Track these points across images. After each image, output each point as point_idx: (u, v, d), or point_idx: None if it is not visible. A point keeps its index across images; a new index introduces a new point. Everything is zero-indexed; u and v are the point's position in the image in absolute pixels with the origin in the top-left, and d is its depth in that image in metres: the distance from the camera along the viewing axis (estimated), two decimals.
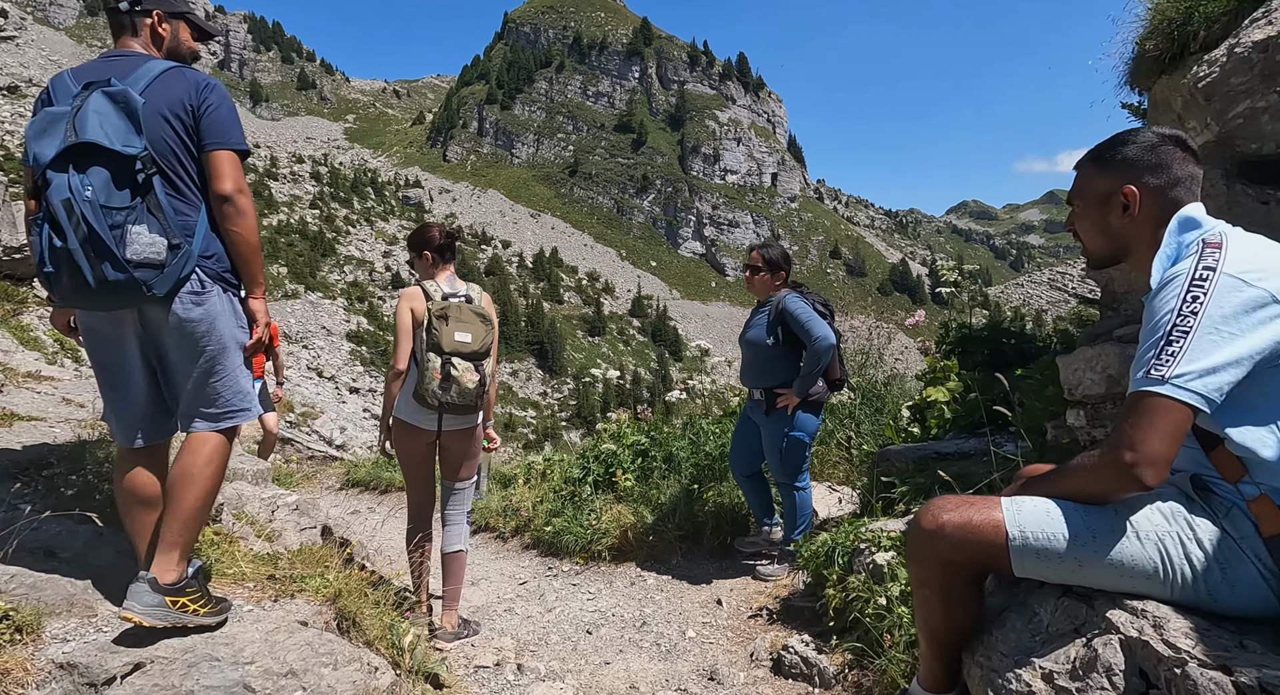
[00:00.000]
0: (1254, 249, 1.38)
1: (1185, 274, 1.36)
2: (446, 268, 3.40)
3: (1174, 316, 1.32)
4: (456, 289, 3.32)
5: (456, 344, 3.11)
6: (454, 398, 3.11)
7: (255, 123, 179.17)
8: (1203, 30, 3.71)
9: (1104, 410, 2.57)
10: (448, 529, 3.48)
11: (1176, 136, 1.53)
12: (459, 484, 3.48)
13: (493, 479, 6.44)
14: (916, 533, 1.53)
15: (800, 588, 3.71)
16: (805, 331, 3.72)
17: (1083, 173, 1.63)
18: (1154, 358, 1.32)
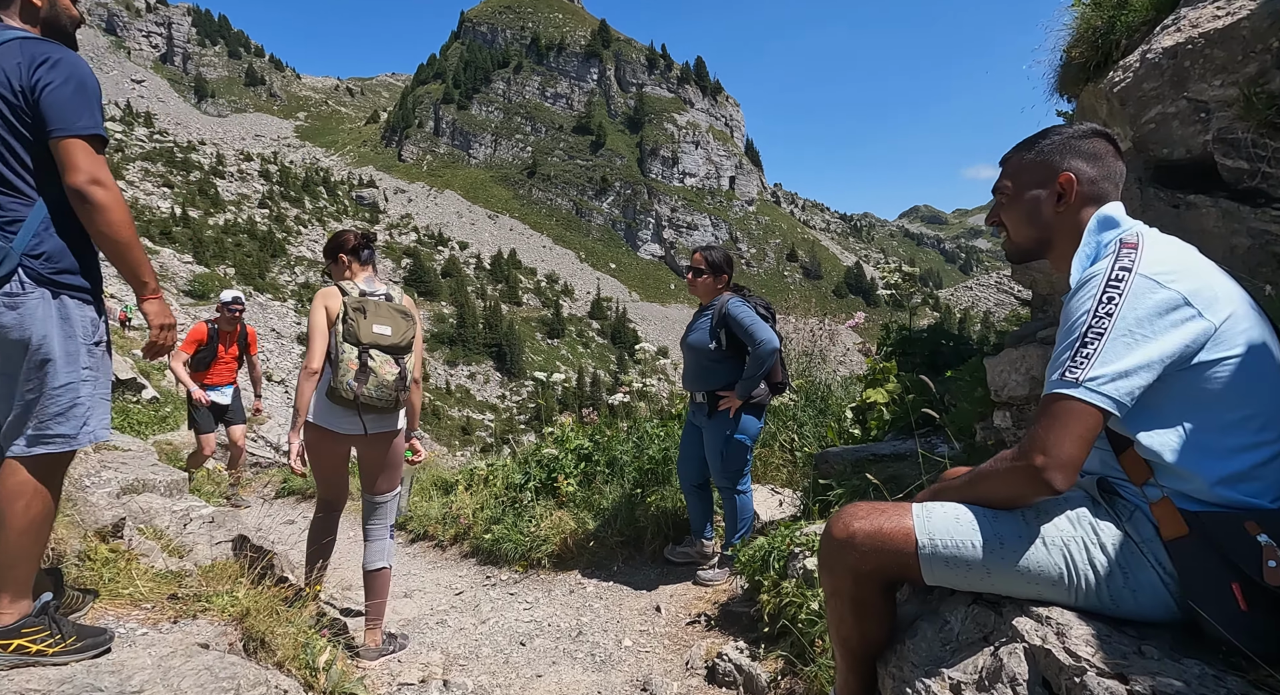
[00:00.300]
0: (1168, 250, 1.36)
1: (1101, 275, 1.34)
2: (364, 269, 3.28)
3: (1089, 318, 1.30)
4: (375, 288, 3.20)
5: (375, 336, 2.99)
6: (371, 390, 2.96)
7: (201, 119, 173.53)
8: (1124, 39, 3.80)
9: (1028, 411, 2.59)
10: (369, 545, 3.32)
11: (1107, 132, 1.52)
12: (379, 497, 3.32)
13: (434, 486, 6.27)
14: (828, 542, 1.48)
15: (739, 593, 3.67)
16: (749, 335, 3.69)
17: (1015, 161, 1.60)
18: (1069, 360, 1.30)
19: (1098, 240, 1.46)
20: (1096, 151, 1.51)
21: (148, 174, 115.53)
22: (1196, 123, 2.16)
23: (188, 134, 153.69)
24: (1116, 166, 1.52)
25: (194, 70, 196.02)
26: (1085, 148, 1.51)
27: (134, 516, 3.28)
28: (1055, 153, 1.52)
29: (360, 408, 3.02)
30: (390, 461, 3.27)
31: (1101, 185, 1.50)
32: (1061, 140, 1.53)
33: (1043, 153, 1.54)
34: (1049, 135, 1.55)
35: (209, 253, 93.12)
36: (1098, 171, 1.50)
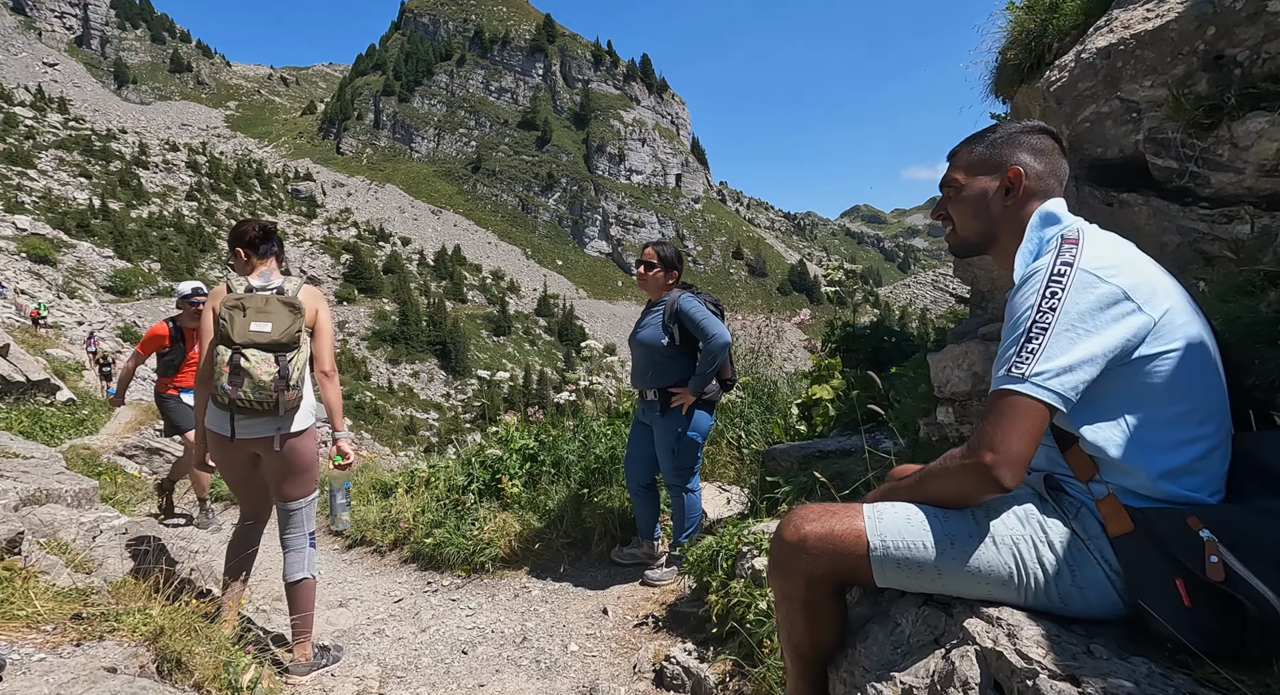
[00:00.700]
0: (1108, 246, 1.37)
1: (1044, 270, 1.33)
2: (264, 262, 3.09)
3: (1033, 313, 1.29)
4: (270, 282, 3.01)
5: (251, 334, 2.80)
6: (247, 393, 2.77)
7: (121, 106, 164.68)
8: (1056, 42, 3.90)
9: (970, 407, 2.61)
10: (287, 555, 3.13)
11: (1052, 130, 1.53)
12: (290, 504, 3.11)
13: (373, 489, 6.05)
14: (779, 545, 1.43)
15: (687, 593, 3.63)
16: (701, 330, 3.67)
17: (964, 154, 1.59)
18: (1014, 355, 1.28)
19: (1040, 236, 1.46)
20: (1043, 147, 1.51)
21: (62, 163, 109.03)
22: (1128, 122, 2.21)
23: (107, 122, 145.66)
24: (1061, 164, 1.52)
25: (113, 54, 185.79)
26: (1033, 143, 1.51)
27: (35, 530, 3.01)
28: (1004, 146, 1.52)
29: (234, 410, 2.83)
30: (296, 466, 3.04)
31: (1047, 181, 1.50)
32: (1010, 134, 1.53)
33: (992, 146, 1.54)
34: (997, 130, 1.55)
35: (132, 247, 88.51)
36: (1044, 167, 1.50)
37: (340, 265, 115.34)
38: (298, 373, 2.86)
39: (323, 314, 3.07)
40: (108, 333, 41.02)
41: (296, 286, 3.04)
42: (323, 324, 3.06)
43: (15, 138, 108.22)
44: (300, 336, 2.89)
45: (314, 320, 3.04)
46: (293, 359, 2.86)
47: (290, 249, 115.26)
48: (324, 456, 4.06)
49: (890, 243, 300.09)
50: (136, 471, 13.50)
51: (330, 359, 3.09)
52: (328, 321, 3.08)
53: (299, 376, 2.86)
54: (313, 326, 3.04)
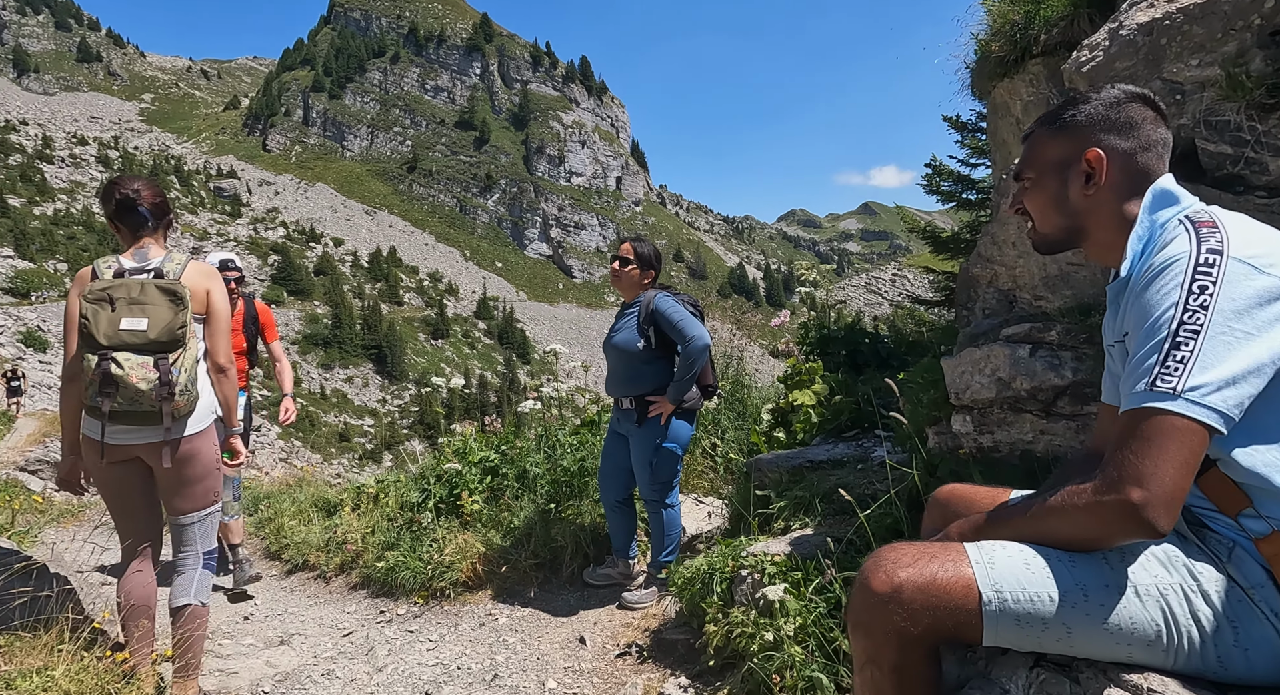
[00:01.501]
0: (1257, 230, 1.14)
1: (1185, 259, 1.09)
2: (143, 239, 2.57)
3: (1179, 311, 1.05)
4: (147, 263, 2.50)
5: (122, 334, 2.31)
6: (122, 404, 2.31)
7: (22, 96, 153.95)
8: (1043, 34, 3.81)
9: (991, 415, 2.42)
10: (175, 578, 2.62)
11: (1143, 95, 1.28)
12: (181, 519, 2.61)
13: (315, 507, 5.55)
14: (864, 597, 1.17)
15: (672, 617, 3.35)
16: (679, 332, 3.41)
17: (1035, 140, 1.37)
18: (1158, 365, 1.04)
19: (1153, 219, 1.23)
20: (1131, 119, 1.27)
21: None
22: (1172, 106, 2.06)
23: (5, 113, 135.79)
24: (1158, 134, 1.28)
25: (11, 41, 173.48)
26: (1117, 117, 1.28)
27: None
28: (1081, 126, 1.29)
29: (107, 421, 2.38)
30: (189, 474, 2.56)
31: (1142, 159, 1.27)
32: (1089, 110, 1.29)
33: (1065, 126, 1.31)
34: (1074, 105, 1.32)
35: (35, 246, 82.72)
36: (1133, 143, 1.27)
37: (268, 266, 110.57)
38: (185, 375, 2.37)
39: (216, 297, 2.58)
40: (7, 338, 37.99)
41: (180, 265, 2.53)
42: (216, 309, 2.57)
43: None
44: (185, 332, 2.39)
45: (205, 305, 2.56)
46: (177, 359, 2.37)
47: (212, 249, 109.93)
48: None
49: (825, 247, 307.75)
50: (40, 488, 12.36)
51: (226, 351, 2.61)
52: (222, 305, 2.60)
53: (189, 379, 2.38)
54: (205, 313, 2.57)
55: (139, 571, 2.54)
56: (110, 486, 2.52)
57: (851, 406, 4.14)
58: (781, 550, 2.79)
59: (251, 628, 3.97)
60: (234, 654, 3.46)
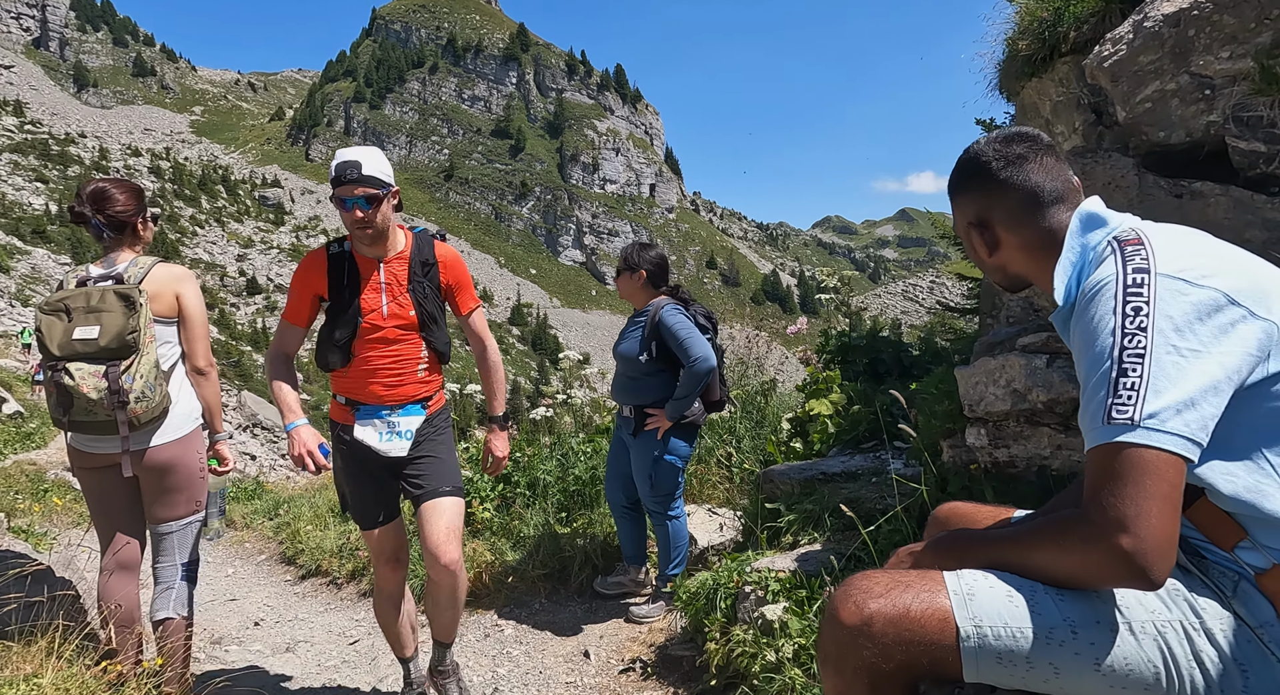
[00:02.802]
0: (1184, 243, 1.07)
1: (1112, 282, 1.02)
2: (121, 247, 2.53)
3: (1118, 337, 0.97)
4: (112, 269, 2.47)
5: (74, 344, 2.27)
6: (78, 415, 2.28)
7: (81, 110, 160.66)
8: (1073, 31, 3.64)
9: (1007, 428, 2.29)
10: (155, 589, 2.58)
11: (1016, 138, 1.23)
12: (160, 527, 2.56)
13: (330, 512, 5.57)
14: (833, 630, 1.07)
15: (678, 632, 3.26)
16: (683, 350, 3.30)
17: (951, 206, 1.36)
18: (1108, 396, 0.95)
19: (1082, 243, 1.17)
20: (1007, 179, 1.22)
21: (17, 168, 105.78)
22: (1199, 101, 1.92)
23: (66, 125, 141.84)
24: (1049, 174, 1.22)
25: (73, 57, 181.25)
26: (990, 182, 1.24)
27: None
28: (962, 199, 1.30)
29: (73, 427, 2.36)
30: (168, 483, 2.50)
31: (1036, 211, 1.22)
32: (962, 181, 1.29)
33: (952, 198, 1.32)
34: (954, 175, 1.32)
35: (90, 254, 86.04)
36: (1018, 200, 1.22)
37: None
38: (140, 382, 2.30)
39: (188, 299, 2.52)
40: None
41: (144, 269, 2.47)
42: (190, 311, 2.52)
43: None
44: (139, 337, 2.32)
45: (174, 308, 2.50)
46: (130, 367, 2.29)
47: (257, 256, 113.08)
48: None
49: (861, 253, 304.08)
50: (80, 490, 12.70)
51: (205, 352, 2.57)
52: (196, 307, 2.54)
53: (144, 386, 2.31)
54: (176, 315, 2.52)
55: (119, 577, 2.53)
56: (91, 491, 2.51)
57: (870, 417, 4.00)
58: (787, 566, 2.69)
59: (261, 634, 3.98)
60: (238, 661, 3.46)
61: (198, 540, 2.65)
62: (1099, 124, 3.07)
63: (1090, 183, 2.10)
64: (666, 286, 3.59)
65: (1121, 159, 2.03)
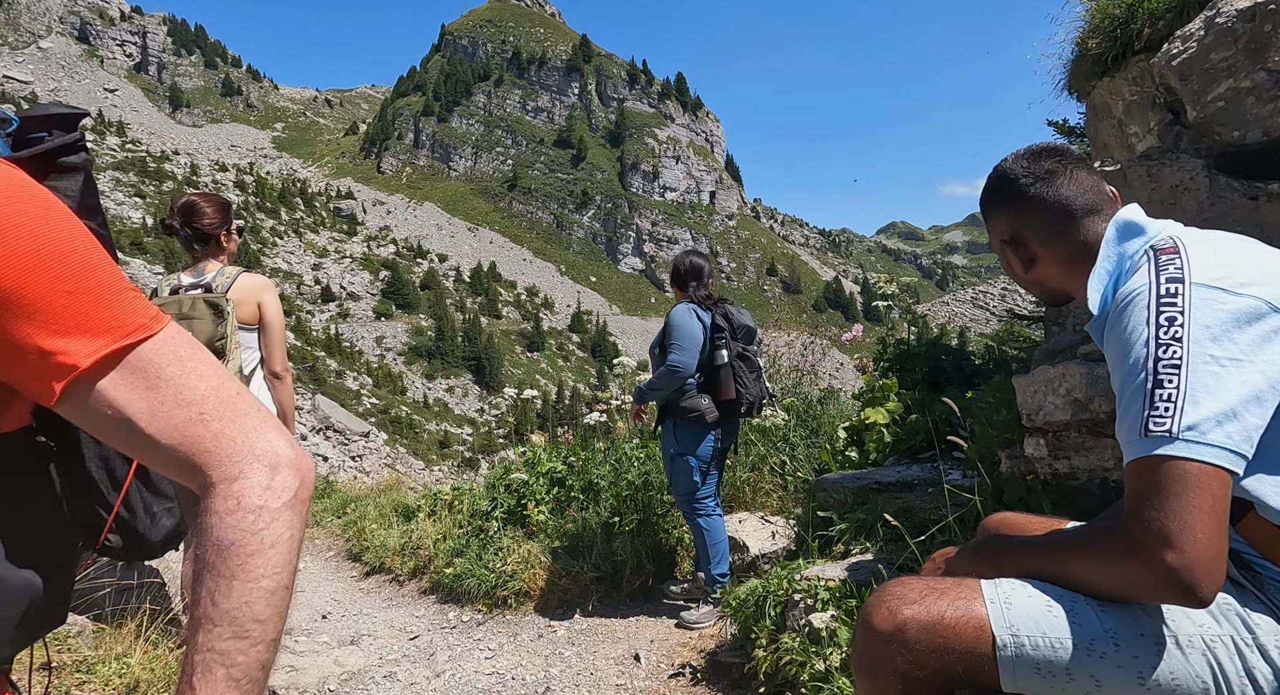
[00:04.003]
0: (1222, 251, 1.04)
1: (1145, 293, 1.01)
2: (208, 257, 2.72)
3: (1153, 347, 0.95)
4: (201, 278, 2.65)
5: None
6: None
7: (175, 129, 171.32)
8: (1147, 28, 3.49)
9: (1068, 439, 2.21)
10: None
11: (1044, 153, 1.23)
12: None
13: (394, 511, 5.78)
14: (866, 635, 1.08)
15: (728, 639, 3.25)
16: (667, 349, 3.45)
17: (985, 224, 1.35)
18: (1145, 409, 0.93)
19: (1119, 252, 1.14)
20: (1037, 195, 1.21)
21: (119, 184, 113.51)
22: (1275, 101, 1.82)
23: (161, 144, 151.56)
24: (1078, 186, 1.20)
25: (169, 80, 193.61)
26: (1020, 200, 1.23)
27: None
28: (993, 218, 1.29)
29: None
30: None
31: (1067, 226, 1.20)
32: (992, 200, 1.29)
33: (986, 215, 1.32)
34: (985, 194, 1.31)
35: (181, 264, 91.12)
36: (1049, 215, 1.21)
37: (379, 281, 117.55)
38: None
39: (269, 307, 2.69)
40: None
41: (230, 279, 2.64)
42: (270, 318, 2.68)
43: None
44: (226, 343, 2.50)
45: (256, 315, 2.67)
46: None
47: (331, 265, 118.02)
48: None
49: (928, 260, 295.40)
50: None
51: (281, 358, 2.72)
52: (276, 315, 2.71)
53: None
54: (257, 322, 2.68)
55: None
56: None
57: (928, 426, 3.91)
58: (837, 575, 2.66)
59: (327, 626, 4.17)
60: (307, 651, 3.64)
61: None
62: (1176, 123, 2.94)
63: (1157, 186, 2.02)
64: (695, 290, 3.65)
65: (1190, 161, 1.95)
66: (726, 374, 3.47)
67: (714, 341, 3.48)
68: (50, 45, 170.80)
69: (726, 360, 3.47)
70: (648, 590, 4.05)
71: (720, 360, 3.46)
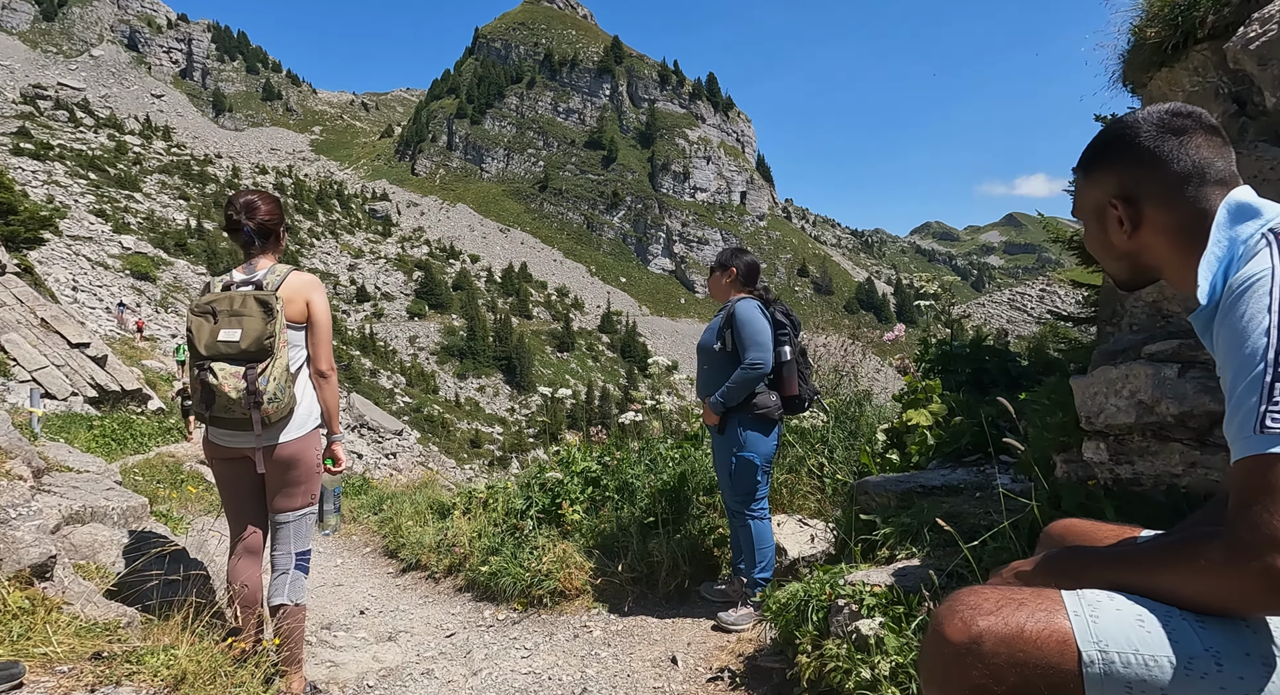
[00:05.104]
0: None
1: (1267, 276, 0.93)
2: (263, 254, 2.73)
3: (1273, 337, 0.88)
4: (253, 275, 2.65)
5: (218, 345, 2.46)
6: (220, 413, 2.48)
7: (218, 133, 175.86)
8: (1211, 15, 3.35)
9: (1130, 443, 2.11)
10: (271, 577, 2.75)
11: (1179, 112, 1.10)
12: (279, 517, 2.73)
13: (430, 509, 5.82)
14: (938, 647, 1.02)
15: (768, 643, 3.19)
16: (743, 347, 3.38)
17: (1076, 184, 1.24)
18: (1262, 403, 0.87)
19: (1231, 236, 1.05)
20: (1164, 152, 1.10)
21: (164, 186, 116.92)
22: None
23: (205, 147, 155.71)
24: (1208, 153, 1.10)
25: (212, 85, 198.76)
26: (1145, 154, 1.11)
27: (72, 552, 2.85)
28: (1105, 171, 1.16)
29: (210, 422, 2.57)
30: (292, 477, 2.69)
31: (1188, 189, 1.09)
32: (1111, 152, 1.15)
33: (1090, 171, 1.19)
34: (1097, 147, 1.18)
35: (223, 265, 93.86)
36: (1171, 176, 1.10)
37: (412, 282, 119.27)
38: (273, 384, 2.48)
39: (317, 306, 2.69)
40: None
41: (280, 276, 2.65)
42: (318, 317, 2.68)
43: (125, 163, 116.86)
44: (275, 342, 2.50)
45: (304, 314, 2.67)
46: (265, 369, 2.47)
47: (366, 266, 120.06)
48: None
49: (963, 260, 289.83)
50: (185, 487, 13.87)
51: (327, 357, 2.72)
52: (323, 313, 2.71)
53: (276, 388, 2.49)
54: (304, 321, 2.68)
55: (246, 561, 2.73)
56: (223, 481, 2.74)
57: (973, 429, 3.80)
58: (883, 581, 2.58)
59: (365, 622, 4.20)
60: (346, 646, 3.67)
61: (310, 531, 2.82)
62: (1241, 115, 2.81)
63: None
64: (752, 289, 3.65)
65: (1271, 149, 1.84)
66: (790, 370, 3.45)
67: (777, 338, 3.45)
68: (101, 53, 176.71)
69: (790, 357, 3.44)
70: (684, 592, 4.00)
71: (784, 357, 3.42)
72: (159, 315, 51.96)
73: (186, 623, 2.48)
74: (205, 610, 2.56)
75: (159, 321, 48.01)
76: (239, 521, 2.78)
